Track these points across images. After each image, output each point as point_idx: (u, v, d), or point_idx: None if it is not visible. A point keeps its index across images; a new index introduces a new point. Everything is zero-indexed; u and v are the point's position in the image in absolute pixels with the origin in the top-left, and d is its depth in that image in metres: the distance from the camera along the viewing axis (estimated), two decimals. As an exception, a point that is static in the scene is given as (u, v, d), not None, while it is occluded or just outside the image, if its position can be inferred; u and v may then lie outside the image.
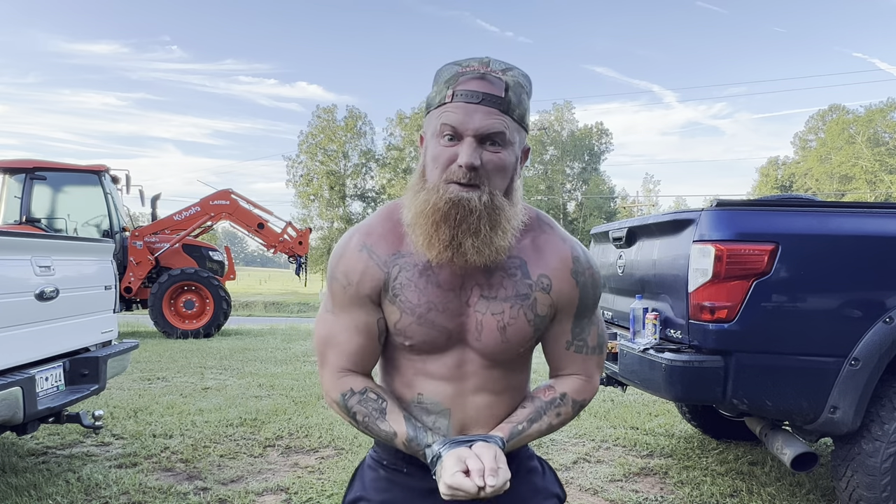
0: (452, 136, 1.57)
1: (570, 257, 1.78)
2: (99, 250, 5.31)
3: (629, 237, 4.78)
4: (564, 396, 1.83)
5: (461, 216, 1.56)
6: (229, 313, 15.24)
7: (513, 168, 1.65)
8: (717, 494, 4.68)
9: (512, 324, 1.70)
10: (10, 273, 4.15)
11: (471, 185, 1.56)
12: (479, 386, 1.76)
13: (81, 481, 4.82)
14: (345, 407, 1.75)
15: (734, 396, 3.65)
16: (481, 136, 1.56)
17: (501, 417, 1.80)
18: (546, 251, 1.77)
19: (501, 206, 1.61)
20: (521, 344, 1.75)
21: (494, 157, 1.58)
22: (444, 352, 1.73)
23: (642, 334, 4.18)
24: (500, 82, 1.59)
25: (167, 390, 8.44)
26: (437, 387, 1.75)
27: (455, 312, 1.70)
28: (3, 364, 4.06)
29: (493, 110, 1.57)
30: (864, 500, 3.65)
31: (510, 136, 1.60)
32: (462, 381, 1.75)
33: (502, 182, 1.63)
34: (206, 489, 4.74)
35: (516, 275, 1.72)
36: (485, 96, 1.56)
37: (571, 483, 4.94)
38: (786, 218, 3.68)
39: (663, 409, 7.31)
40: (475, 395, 1.76)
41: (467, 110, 1.56)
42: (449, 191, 1.56)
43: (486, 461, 1.56)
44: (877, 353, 3.53)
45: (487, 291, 1.70)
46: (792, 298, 3.60)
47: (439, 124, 1.59)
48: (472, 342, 1.72)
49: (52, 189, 14.79)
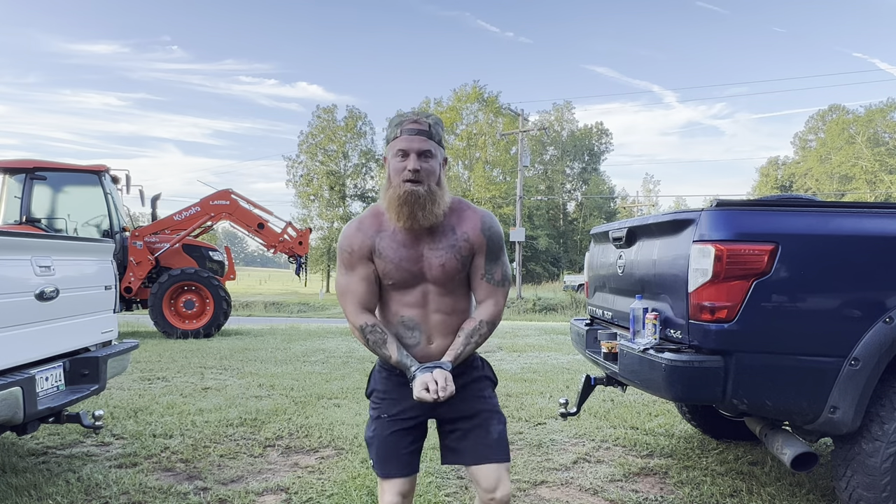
0: (403, 154, 2.68)
1: (479, 220, 2.87)
2: (99, 250, 5.31)
3: (629, 237, 4.78)
4: (482, 322, 2.87)
5: (413, 199, 2.64)
6: (229, 313, 15.26)
7: (438, 170, 2.74)
8: (717, 494, 4.68)
9: (448, 262, 2.79)
10: (10, 273, 4.15)
11: (416, 181, 2.64)
12: (437, 308, 2.85)
13: (81, 481, 4.82)
14: (362, 332, 2.82)
15: (734, 396, 3.65)
16: (418, 152, 2.67)
17: (453, 329, 2.87)
18: (465, 218, 2.86)
19: (435, 192, 2.70)
20: (455, 273, 2.82)
21: (427, 164, 2.68)
22: (412, 287, 2.83)
23: (642, 334, 4.18)
24: (425, 122, 2.71)
25: (167, 390, 8.45)
26: (411, 310, 2.85)
27: (415, 260, 2.79)
28: (4, 364, 4.06)
29: (423, 138, 2.69)
30: (864, 501, 3.65)
31: (435, 152, 2.73)
32: (426, 305, 2.85)
33: (433, 178, 2.70)
34: (207, 489, 4.75)
35: (449, 234, 2.81)
36: (419, 131, 2.69)
37: (571, 483, 4.94)
38: (786, 218, 3.68)
39: (663, 409, 7.31)
40: (435, 314, 2.85)
41: (409, 140, 2.68)
42: (405, 187, 2.64)
43: (439, 381, 2.61)
44: (877, 354, 3.53)
45: (432, 245, 2.79)
46: (792, 298, 3.59)
47: (395, 149, 2.70)
48: (428, 277, 2.81)
49: (53, 189, 14.81)
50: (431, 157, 2.71)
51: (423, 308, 2.85)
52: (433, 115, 2.79)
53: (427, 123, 2.73)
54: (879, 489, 3.58)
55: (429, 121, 2.74)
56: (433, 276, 2.80)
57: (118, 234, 14.97)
